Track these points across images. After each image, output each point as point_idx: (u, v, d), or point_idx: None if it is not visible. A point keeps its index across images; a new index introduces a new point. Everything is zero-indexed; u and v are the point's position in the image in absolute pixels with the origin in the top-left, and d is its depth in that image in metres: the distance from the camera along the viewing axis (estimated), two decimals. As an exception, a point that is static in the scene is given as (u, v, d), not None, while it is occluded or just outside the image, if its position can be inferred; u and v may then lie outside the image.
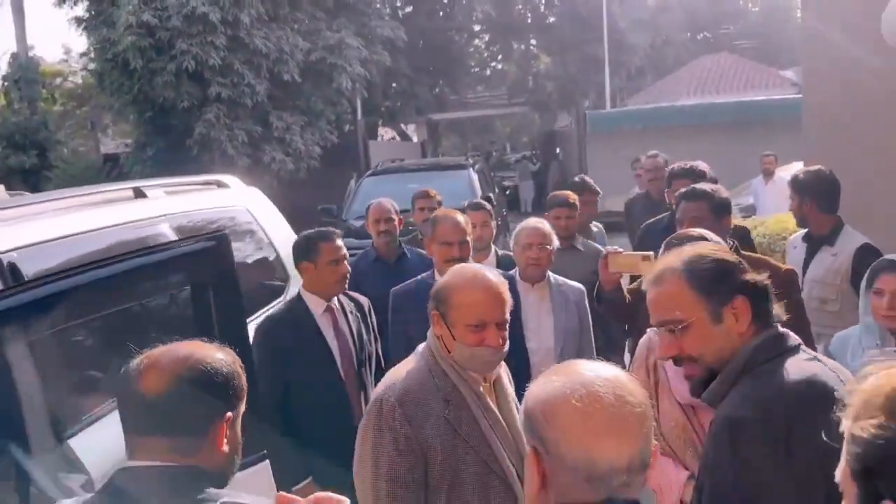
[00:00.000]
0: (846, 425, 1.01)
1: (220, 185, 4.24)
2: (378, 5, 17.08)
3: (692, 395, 1.84)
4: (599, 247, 4.24)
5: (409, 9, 20.29)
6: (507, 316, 2.05)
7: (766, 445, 1.52)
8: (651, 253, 3.08)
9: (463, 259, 3.20)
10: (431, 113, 22.30)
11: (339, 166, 15.33)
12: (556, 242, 3.70)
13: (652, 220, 4.39)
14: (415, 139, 24.54)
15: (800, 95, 17.53)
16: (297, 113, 14.57)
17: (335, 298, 3.20)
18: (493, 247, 4.23)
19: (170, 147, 14.24)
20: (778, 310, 1.74)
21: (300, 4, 14.59)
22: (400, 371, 2.09)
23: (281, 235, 4.43)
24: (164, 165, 13.65)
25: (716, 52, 22.53)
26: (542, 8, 22.60)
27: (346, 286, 3.25)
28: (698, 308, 1.69)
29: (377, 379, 3.29)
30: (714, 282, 1.69)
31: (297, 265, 3.22)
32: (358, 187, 10.43)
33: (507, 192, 17.06)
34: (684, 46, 26.67)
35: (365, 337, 3.26)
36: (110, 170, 16.87)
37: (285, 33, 13.83)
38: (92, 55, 15.13)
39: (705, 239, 2.42)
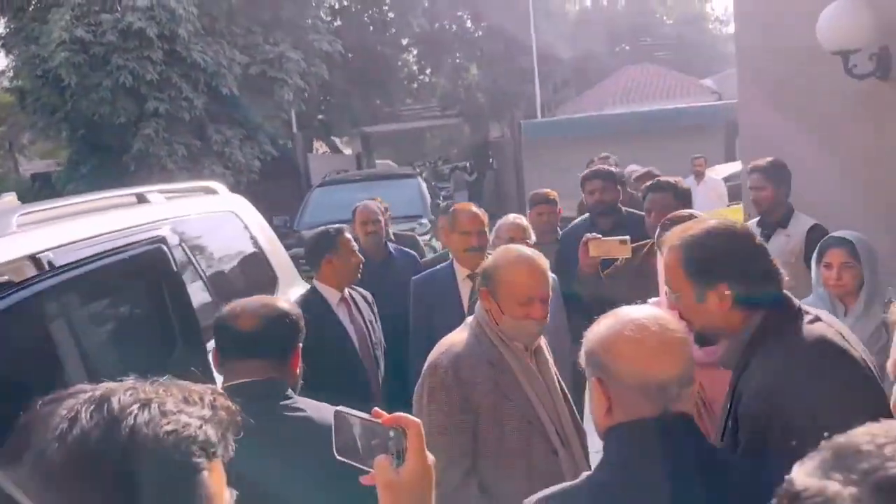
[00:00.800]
0: None
1: (208, 190, 4.37)
2: (310, 21, 17.17)
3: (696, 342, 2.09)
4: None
5: (337, 23, 20.46)
6: (550, 291, 2.30)
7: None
8: (627, 237, 3.39)
9: (482, 247, 3.46)
10: (365, 125, 22.48)
11: (278, 179, 15.37)
12: (533, 237, 4.01)
13: (571, 224, 4.59)
14: (347, 152, 24.65)
15: (719, 102, 18.60)
16: (235, 126, 14.55)
17: (346, 290, 3.41)
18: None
19: (105, 164, 13.98)
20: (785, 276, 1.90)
21: (236, 19, 14.60)
22: (451, 339, 2.32)
23: (265, 238, 4.58)
24: (100, 182, 13.39)
25: (636, 63, 23.48)
26: (470, 22, 23.12)
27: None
28: (685, 285, 1.86)
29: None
30: (701, 269, 1.83)
31: (318, 259, 3.42)
32: (308, 198, 10.54)
33: (442, 202, 17.37)
34: (604, 59, 27.73)
35: (374, 324, 3.49)
36: (40, 188, 16.37)
37: (222, 47, 13.81)
38: (11, 73, 14.79)
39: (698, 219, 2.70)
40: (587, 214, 4.43)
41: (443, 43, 22.40)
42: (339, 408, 1.15)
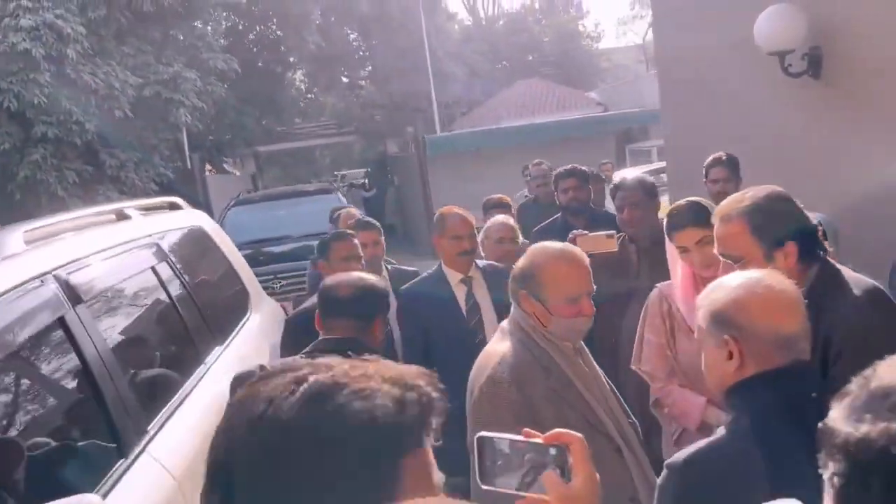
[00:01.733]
0: None
1: (173, 206, 4.21)
2: (196, 41, 16.70)
3: None
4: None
5: (225, 42, 19.99)
6: (593, 285, 2.24)
7: None
8: (613, 232, 3.56)
9: (473, 251, 3.50)
10: (259, 145, 22.03)
11: (177, 203, 14.77)
12: (521, 237, 4.13)
13: (545, 223, 4.70)
14: (236, 173, 24.03)
15: (608, 113, 19.55)
16: (129, 150, 13.90)
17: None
18: (383, 264, 4.28)
19: (-13, 193, 13.00)
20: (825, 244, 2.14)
21: (126, 38, 14.00)
22: (497, 350, 2.21)
23: (231, 253, 4.48)
24: (-18, 213, 12.46)
25: (523, 78, 24.32)
26: (362, 40, 23.20)
27: None
28: (753, 249, 2.03)
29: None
30: (770, 229, 2.03)
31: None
32: (223, 218, 10.22)
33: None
34: (491, 75, 28.52)
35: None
36: None
37: (112, 69, 13.19)
38: None
39: (702, 205, 2.88)
40: (559, 214, 4.57)
41: (336, 60, 22.32)
42: (483, 433, 1.11)
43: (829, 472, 0.73)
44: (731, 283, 1.66)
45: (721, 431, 1.63)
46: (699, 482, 1.57)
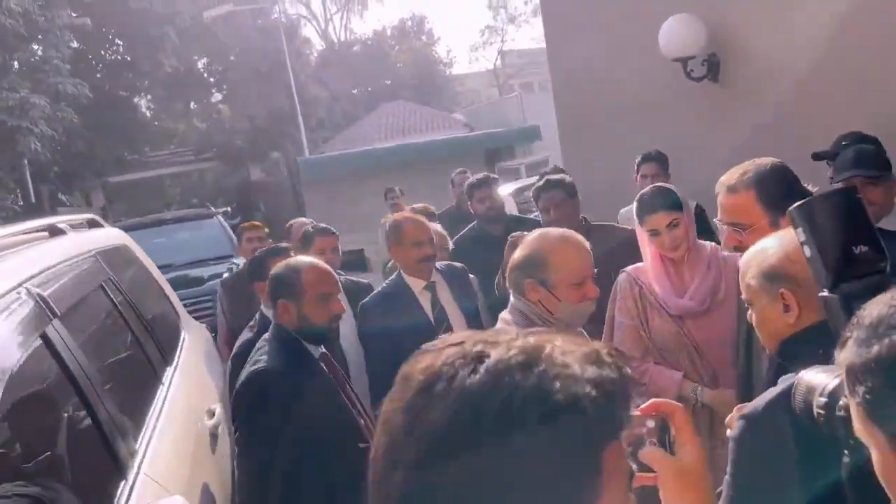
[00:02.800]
0: None
1: (93, 223, 3.90)
2: (42, 64, 15.58)
3: None
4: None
5: (72, 66, 18.74)
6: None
7: None
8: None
9: (434, 256, 3.42)
10: (110, 175, 20.78)
11: (27, 238, 13.58)
12: (451, 244, 4.16)
13: (461, 232, 4.72)
14: (77, 208, 22.48)
15: (476, 132, 20.10)
16: (-29, 183, 12.72)
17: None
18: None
19: None
20: None
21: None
22: None
23: (155, 270, 4.25)
24: None
25: (390, 101, 24.58)
26: (220, 63, 22.51)
27: None
28: (761, 216, 2.14)
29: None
30: (775, 198, 2.11)
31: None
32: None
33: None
34: (352, 98, 28.61)
35: None
36: None
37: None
38: None
39: (671, 190, 2.99)
40: (475, 222, 4.62)
41: (192, 84, 21.51)
42: None
43: (859, 397, 0.85)
44: (774, 242, 1.75)
45: (785, 382, 1.72)
46: (776, 431, 1.64)
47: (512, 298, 2.27)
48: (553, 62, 6.69)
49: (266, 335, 2.54)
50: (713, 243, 2.98)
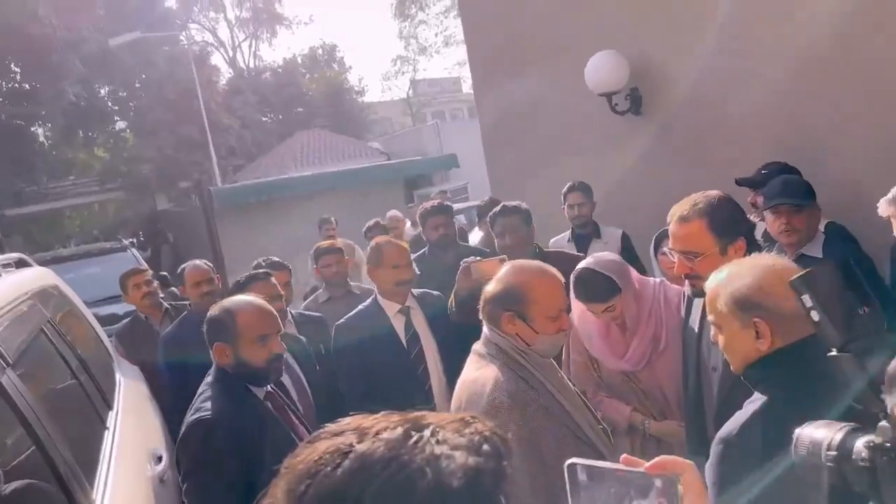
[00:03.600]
0: None
1: (21, 263, 3.72)
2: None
3: (693, 296, 2.45)
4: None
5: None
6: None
7: None
8: (505, 256, 3.66)
9: (412, 280, 3.45)
10: (6, 208, 19.70)
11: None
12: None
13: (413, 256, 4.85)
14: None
15: (394, 161, 20.13)
16: None
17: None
18: (288, 310, 4.07)
19: None
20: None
21: None
22: (485, 376, 2.14)
23: (85, 310, 4.09)
24: None
25: (296, 130, 24.36)
26: (126, 91, 21.80)
27: None
28: (712, 245, 2.27)
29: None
30: (724, 227, 2.28)
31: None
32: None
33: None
34: (263, 126, 28.20)
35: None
36: None
37: None
38: None
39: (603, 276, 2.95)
40: (426, 248, 4.66)
41: (97, 112, 20.72)
42: (574, 459, 1.01)
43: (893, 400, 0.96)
44: (743, 269, 1.83)
45: (754, 404, 1.81)
46: (752, 452, 1.73)
47: (486, 330, 2.26)
48: (480, 96, 6.86)
49: (208, 379, 2.46)
50: (657, 280, 3.06)
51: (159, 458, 3.06)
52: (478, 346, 2.29)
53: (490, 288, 2.28)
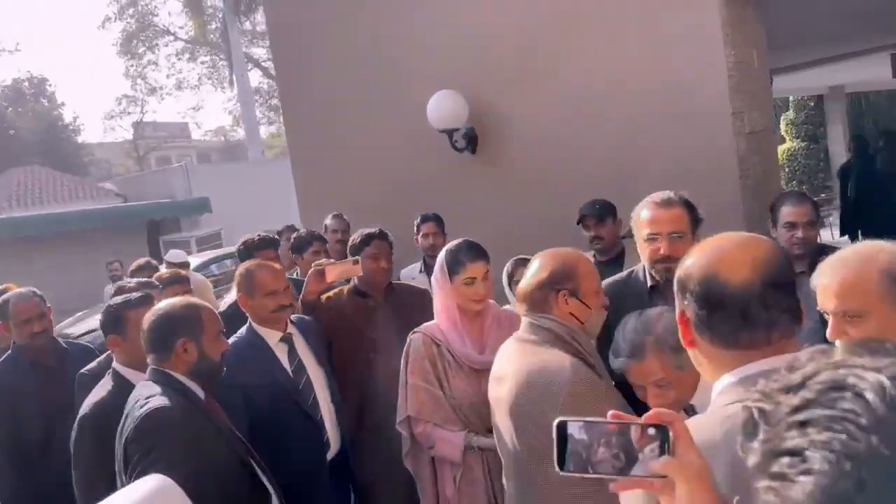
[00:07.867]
0: None
1: None
2: None
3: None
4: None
5: None
6: None
7: None
8: (358, 258, 3.53)
9: (292, 305, 3.17)
10: None
11: None
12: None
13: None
14: None
15: (128, 204, 18.44)
16: None
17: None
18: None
19: None
20: None
21: None
22: (554, 361, 2.04)
23: None
24: None
25: (21, 166, 21.49)
26: None
27: None
28: (688, 226, 2.56)
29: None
30: (694, 214, 2.57)
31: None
32: None
33: None
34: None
35: None
36: None
37: None
38: None
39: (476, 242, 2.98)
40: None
41: None
42: (564, 417, 1.04)
43: None
44: (867, 249, 1.74)
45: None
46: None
47: (529, 319, 2.17)
48: (291, 134, 6.68)
49: (143, 381, 2.39)
50: (492, 301, 2.98)
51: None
52: (522, 335, 2.19)
53: (532, 277, 2.19)
